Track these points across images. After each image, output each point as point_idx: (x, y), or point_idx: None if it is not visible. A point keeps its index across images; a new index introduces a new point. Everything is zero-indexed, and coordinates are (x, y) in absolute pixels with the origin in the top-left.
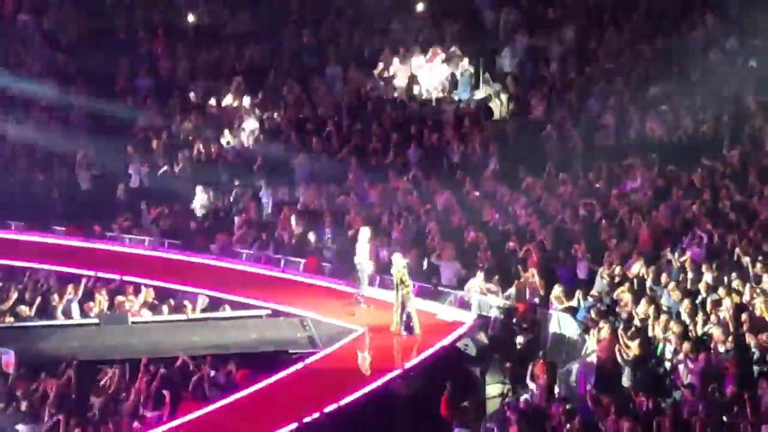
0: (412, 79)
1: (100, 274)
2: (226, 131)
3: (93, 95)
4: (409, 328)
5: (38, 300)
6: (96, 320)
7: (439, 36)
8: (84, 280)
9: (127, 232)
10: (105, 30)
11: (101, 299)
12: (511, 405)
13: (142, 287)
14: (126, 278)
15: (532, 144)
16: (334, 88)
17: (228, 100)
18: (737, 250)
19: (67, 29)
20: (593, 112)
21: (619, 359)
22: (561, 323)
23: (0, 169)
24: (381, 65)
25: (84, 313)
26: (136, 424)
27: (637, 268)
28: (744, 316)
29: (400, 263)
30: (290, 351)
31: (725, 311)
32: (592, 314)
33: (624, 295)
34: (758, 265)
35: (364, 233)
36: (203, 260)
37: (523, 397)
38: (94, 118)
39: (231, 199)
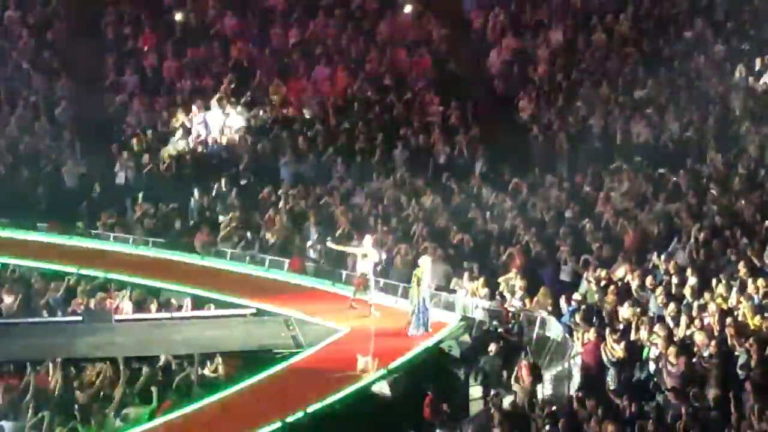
0: (399, 80)
1: (83, 272)
2: (213, 130)
3: (79, 92)
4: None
5: (21, 297)
6: (80, 318)
7: (426, 37)
8: (67, 278)
9: (111, 229)
10: (92, 26)
11: (85, 297)
12: (496, 404)
13: (127, 285)
14: (110, 276)
15: (518, 146)
16: (322, 88)
17: (215, 98)
18: (724, 254)
19: (54, 25)
20: (580, 115)
21: (605, 361)
22: (546, 326)
23: None
24: (368, 66)
25: (68, 311)
26: (118, 421)
27: (623, 271)
28: (729, 321)
29: (426, 266)
30: (274, 351)
31: (710, 316)
32: (577, 317)
33: (609, 298)
34: (743, 270)
35: (368, 242)
36: (188, 259)
37: (507, 399)
38: (80, 115)
39: (217, 199)
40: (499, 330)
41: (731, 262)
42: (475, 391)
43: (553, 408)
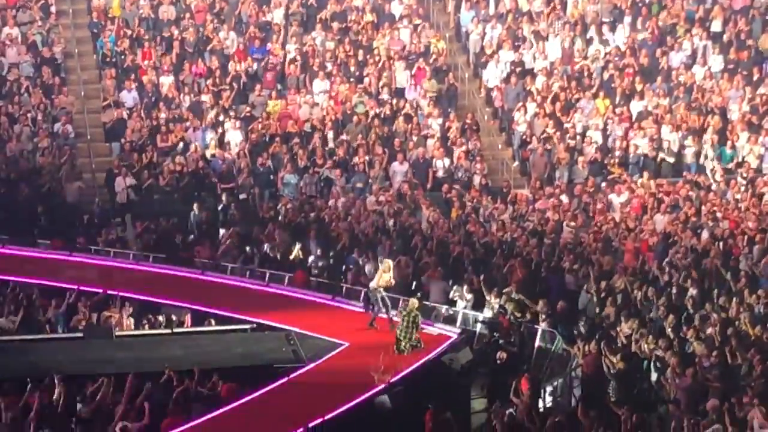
0: (398, 93)
1: (83, 288)
2: (212, 144)
3: (78, 108)
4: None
5: (21, 313)
6: (81, 334)
7: (424, 50)
8: (67, 294)
9: (111, 245)
10: (90, 42)
11: (85, 313)
12: (498, 415)
13: (126, 302)
14: (110, 292)
15: (517, 157)
16: (319, 102)
17: (214, 113)
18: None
19: (52, 42)
20: (578, 126)
21: (605, 372)
22: (545, 337)
23: None
24: (366, 79)
25: (70, 327)
26: None
27: (622, 282)
28: (730, 331)
29: (415, 306)
30: (275, 365)
31: (711, 327)
32: (579, 328)
33: (609, 309)
34: (742, 280)
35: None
36: (188, 274)
37: (507, 411)
38: (79, 131)
39: (217, 213)
40: (500, 342)
41: (728, 272)
42: (477, 403)
43: (556, 419)
